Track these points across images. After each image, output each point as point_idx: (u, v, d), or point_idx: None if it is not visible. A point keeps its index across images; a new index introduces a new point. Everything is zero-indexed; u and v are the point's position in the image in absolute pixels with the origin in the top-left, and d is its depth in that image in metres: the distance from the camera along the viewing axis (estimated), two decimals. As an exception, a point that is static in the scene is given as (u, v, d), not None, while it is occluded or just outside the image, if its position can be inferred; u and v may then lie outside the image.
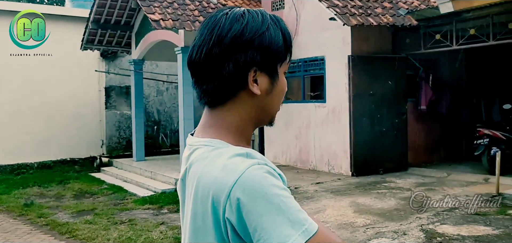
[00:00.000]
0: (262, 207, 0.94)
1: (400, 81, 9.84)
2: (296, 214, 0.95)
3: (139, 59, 12.12)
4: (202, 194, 1.00)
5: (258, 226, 0.93)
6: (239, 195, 0.94)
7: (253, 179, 0.95)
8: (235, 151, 1.01)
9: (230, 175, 0.96)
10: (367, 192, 7.79)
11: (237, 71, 1.04)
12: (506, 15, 8.11)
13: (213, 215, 0.98)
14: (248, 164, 0.97)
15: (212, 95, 1.07)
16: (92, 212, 7.75)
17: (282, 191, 0.96)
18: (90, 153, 13.60)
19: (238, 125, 1.08)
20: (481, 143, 9.19)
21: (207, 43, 1.04)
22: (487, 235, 5.26)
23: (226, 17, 1.05)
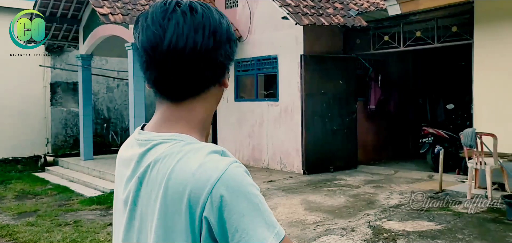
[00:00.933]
0: (244, 207, 0.91)
1: (351, 81, 10.05)
2: (270, 217, 0.94)
3: (87, 55, 11.71)
4: (175, 192, 0.92)
5: (239, 226, 0.90)
6: (222, 192, 0.90)
7: (236, 177, 0.92)
8: (211, 147, 0.97)
9: (212, 172, 0.91)
10: (318, 189, 7.90)
11: (225, 63, 1.03)
12: (450, 19, 8.47)
13: (189, 214, 0.91)
14: (228, 162, 0.93)
15: (184, 87, 1.01)
16: (35, 213, 7.40)
17: (258, 192, 0.95)
18: (34, 152, 13.01)
19: (204, 119, 1.05)
20: (426, 141, 9.56)
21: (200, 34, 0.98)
22: (430, 230, 5.45)
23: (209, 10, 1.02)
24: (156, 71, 1.00)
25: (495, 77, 7.68)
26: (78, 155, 12.14)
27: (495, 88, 7.68)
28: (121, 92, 14.53)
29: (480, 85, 7.91)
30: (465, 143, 6.92)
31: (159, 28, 0.97)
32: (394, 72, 11.36)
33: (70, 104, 13.72)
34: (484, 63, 7.81)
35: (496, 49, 7.63)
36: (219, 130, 11.56)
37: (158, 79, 1.01)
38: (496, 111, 7.63)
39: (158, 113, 1.05)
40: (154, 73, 1.00)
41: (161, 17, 0.98)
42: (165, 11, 0.99)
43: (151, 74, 1.01)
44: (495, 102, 7.67)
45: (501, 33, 7.55)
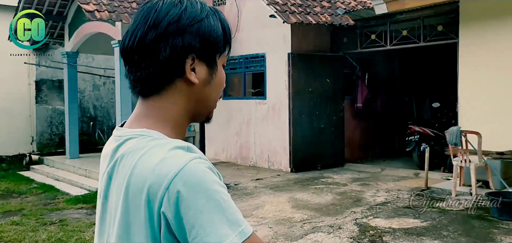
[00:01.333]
0: (202, 203, 0.88)
1: (338, 79, 10.10)
2: (234, 214, 0.91)
3: (73, 52, 11.58)
4: (136, 187, 0.93)
5: (196, 223, 0.88)
6: (179, 188, 0.88)
7: (195, 173, 0.90)
8: (176, 143, 0.95)
9: (171, 167, 0.90)
10: (305, 187, 7.93)
11: (174, 56, 0.99)
12: (436, 18, 8.56)
13: (147, 209, 0.91)
14: (190, 157, 0.92)
15: (146, 83, 1.01)
16: (20, 212, 7.30)
17: (222, 189, 0.92)
18: (19, 150, 12.83)
19: (175, 116, 1.03)
20: (412, 139, 9.65)
21: (142, 27, 0.99)
22: (416, 227, 5.51)
23: (163, 2, 1.00)
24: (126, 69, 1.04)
25: (480, 76, 7.78)
26: (63, 154, 12.01)
27: (480, 87, 7.79)
28: (107, 90, 14.40)
29: (465, 84, 8.01)
30: (450, 141, 7.00)
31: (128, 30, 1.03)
32: (380, 71, 11.44)
33: (55, 102, 13.56)
34: (469, 62, 7.91)
35: (481, 48, 7.73)
36: (206, 128, 11.53)
37: (126, 77, 1.04)
38: (481, 109, 7.74)
39: (134, 110, 1.06)
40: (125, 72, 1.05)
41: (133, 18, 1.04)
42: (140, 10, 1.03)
43: None
44: (480, 101, 7.78)
45: (486, 33, 7.65)
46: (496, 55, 7.55)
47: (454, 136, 6.90)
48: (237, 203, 6.94)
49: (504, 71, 7.48)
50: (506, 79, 7.46)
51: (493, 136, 7.25)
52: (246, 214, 6.30)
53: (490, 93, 7.64)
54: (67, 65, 11.63)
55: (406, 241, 5.02)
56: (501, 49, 7.48)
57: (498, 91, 7.54)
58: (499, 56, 7.51)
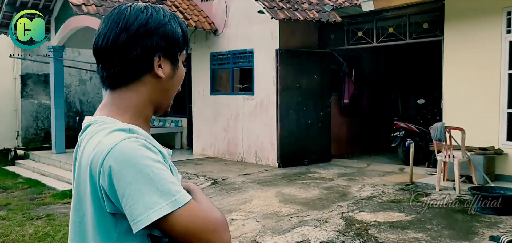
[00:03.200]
0: (131, 175, 1.01)
1: (325, 75, 10.18)
2: (167, 185, 1.02)
3: (59, 46, 11.48)
4: (83, 164, 1.09)
5: (125, 193, 1.01)
6: (111, 163, 1.02)
7: (125, 150, 1.03)
8: (119, 126, 1.10)
9: (106, 145, 1.04)
10: (293, 182, 8.00)
11: (144, 55, 1.15)
12: (421, 15, 8.69)
13: (91, 183, 1.06)
14: (124, 137, 1.06)
15: (116, 77, 1.16)
16: (6, 207, 7.25)
17: (154, 163, 1.04)
18: (4, 145, 12.70)
19: (137, 104, 1.18)
20: (397, 135, 9.78)
21: (114, 30, 1.14)
22: (400, 221, 5.61)
23: (131, 9, 1.16)
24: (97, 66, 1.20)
25: (464, 73, 7.93)
26: (49, 148, 11.91)
27: (464, 84, 7.94)
28: (94, 85, 14.30)
29: (449, 80, 8.16)
30: (434, 136, 7.13)
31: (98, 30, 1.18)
32: (367, 67, 11.57)
33: (41, 96, 13.42)
34: (453, 59, 8.06)
35: (465, 46, 7.87)
36: (194, 123, 11.54)
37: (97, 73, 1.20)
38: (465, 106, 7.89)
39: (102, 101, 1.22)
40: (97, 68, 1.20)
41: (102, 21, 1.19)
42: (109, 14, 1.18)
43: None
44: (463, 98, 7.93)
45: (470, 30, 7.80)
46: (480, 53, 7.70)
47: (438, 131, 7.03)
48: (225, 197, 7.01)
49: (487, 69, 7.63)
50: (489, 76, 7.61)
51: (476, 132, 7.41)
52: (233, 209, 6.35)
53: (474, 90, 7.79)
54: (53, 60, 11.53)
55: (391, 234, 5.12)
56: (485, 46, 7.63)
57: (482, 88, 7.70)
58: (483, 54, 7.66)
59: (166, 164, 1.08)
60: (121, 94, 1.17)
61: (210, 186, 7.88)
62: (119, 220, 1.06)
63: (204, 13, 10.88)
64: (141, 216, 1.00)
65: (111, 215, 1.06)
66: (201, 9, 10.97)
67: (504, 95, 7.46)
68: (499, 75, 7.48)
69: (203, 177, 8.57)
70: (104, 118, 1.14)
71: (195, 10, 10.79)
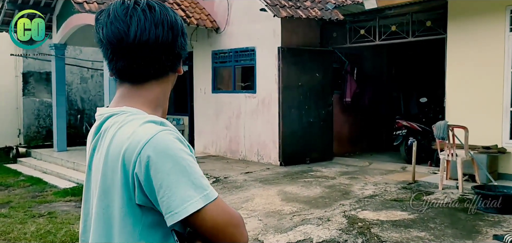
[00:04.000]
0: (169, 167, 1.02)
1: (327, 74, 10.16)
2: (200, 179, 1.05)
3: (61, 44, 11.47)
4: (113, 153, 1.08)
5: (163, 184, 1.02)
6: (149, 153, 1.03)
7: (164, 141, 1.05)
8: (151, 117, 1.11)
9: (143, 136, 1.05)
10: (295, 181, 7.98)
11: (180, 53, 1.21)
12: (424, 13, 8.65)
13: (123, 172, 1.05)
14: (160, 129, 1.07)
15: (146, 73, 1.17)
16: (7, 205, 7.24)
17: (189, 156, 1.06)
18: (6, 143, 12.69)
19: (159, 98, 1.20)
20: (399, 133, 9.75)
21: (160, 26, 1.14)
22: (403, 220, 5.59)
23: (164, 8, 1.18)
24: (122, 60, 1.15)
25: (467, 71, 7.89)
26: (51, 146, 11.91)
27: (467, 82, 7.90)
28: (95, 83, 14.28)
29: (452, 79, 8.12)
30: (437, 135, 7.10)
31: (123, 24, 1.13)
32: (369, 66, 11.53)
33: (43, 94, 13.41)
34: (456, 58, 8.02)
35: (468, 44, 7.84)
36: (196, 121, 11.52)
37: (123, 67, 1.16)
38: (468, 104, 7.85)
39: (117, 93, 1.21)
40: (120, 62, 1.15)
41: (123, 14, 1.14)
42: (126, 9, 1.14)
43: (116, 63, 1.16)
44: (466, 96, 7.89)
45: (474, 29, 7.76)
46: (483, 51, 7.66)
47: (441, 130, 7.00)
48: (227, 196, 6.98)
49: (491, 67, 7.60)
50: (493, 74, 7.58)
51: (480, 130, 7.37)
52: (236, 207, 6.33)
53: (477, 88, 7.76)
54: (54, 57, 11.52)
55: (394, 233, 5.10)
56: (488, 45, 7.60)
57: (485, 86, 7.66)
58: (487, 52, 7.63)
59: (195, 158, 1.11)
60: (144, 88, 1.18)
61: (212, 184, 7.81)
62: (144, 213, 1.07)
63: (206, 11, 10.85)
64: (178, 208, 1.01)
65: (139, 207, 1.06)
66: (203, 7, 10.94)
67: (507, 93, 7.43)
68: (502, 73, 7.45)
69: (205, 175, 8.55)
70: (131, 109, 1.14)
71: (197, 8, 10.76)
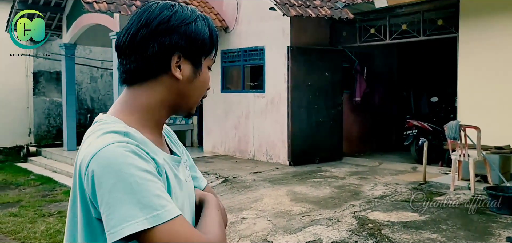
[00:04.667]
0: (111, 183, 0.95)
1: (337, 73, 10.09)
2: (150, 198, 0.95)
3: (71, 44, 11.53)
4: (76, 165, 1.05)
5: (104, 200, 0.95)
6: (94, 167, 0.97)
7: (111, 155, 0.97)
8: (115, 128, 1.04)
9: (93, 149, 1.00)
10: (304, 181, 7.93)
11: (161, 52, 1.09)
12: (436, 12, 8.54)
13: (80, 185, 1.02)
14: (112, 140, 1.00)
15: (133, 74, 1.11)
16: (18, 204, 7.29)
17: (140, 172, 0.96)
18: (16, 142, 12.79)
19: (150, 105, 1.12)
20: (410, 133, 9.65)
21: (135, 25, 1.10)
22: (414, 221, 5.52)
23: (157, 5, 1.12)
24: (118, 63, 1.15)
25: (479, 70, 7.79)
26: (61, 146, 11.98)
27: (479, 81, 7.79)
28: (105, 82, 14.35)
29: (464, 78, 8.02)
30: (449, 135, 7.01)
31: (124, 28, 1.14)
32: (379, 65, 11.44)
33: (53, 94, 13.50)
34: (468, 57, 7.91)
35: (480, 43, 7.73)
36: (205, 121, 11.51)
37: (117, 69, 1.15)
38: (480, 104, 7.74)
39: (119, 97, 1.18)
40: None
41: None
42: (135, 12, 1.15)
43: None
44: (479, 95, 7.78)
45: (486, 27, 7.65)
46: (496, 50, 7.55)
47: (453, 130, 6.91)
48: (236, 196, 6.96)
49: (503, 66, 7.48)
50: (505, 74, 7.46)
51: (492, 130, 7.26)
52: (244, 207, 6.30)
53: (489, 87, 7.65)
54: (65, 57, 11.59)
55: (405, 235, 5.03)
56: (501, 44, 7.48)
57: (497, 86, 7.55)
58: (499, 51, 7.51)
59: (157, 175, 1.00)
60: (135, 92, 1.12)
61: (221, 184, 7.84)
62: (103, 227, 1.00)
63: (214, 10, 10.84)
64: (115, 228, 0.93)
65: (98, 220, 1.00)
66: (212, 6, 10.92)
67: (520, 93, 7.31)
68: (515, 72, 7.33)
69: (213, 175, 8.54)
70: (108, 118, 1.09)
71: (206, 8, 10.75)
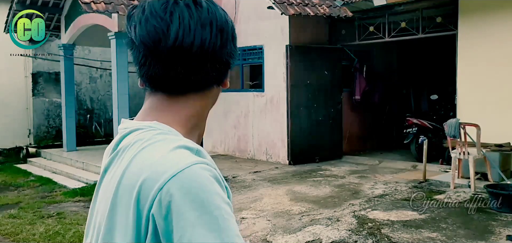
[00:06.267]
0: (197, 215, 0.78)
1: (336, 71, 10.06)
2: (234, 239, 0.80)
3: (70, 44, 11.51)
4: (129, 181, 0.84)
5: (185, 236, 0.78)
6: (174, 191, 0.79)
7: (196, 179, 0.80)
8: (185, 142, 0.87)
9: (170, 166, 0.81)
10: (303, 180, 7.92)
11: (229, 63, 0.96)
12: (434, 9, 8.52)
13: (136, 208, 0.82)
14: (195, 160, 0.83)
15: (185, 84, 0.93)
16: (17, 205, 7.27)
17: (225, 205, 0.81)
18: (16, 143, 12.77)
19: (198, 116, 0.97)
20: (410, 131, 9.63)
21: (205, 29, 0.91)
22: (414, 220, 5.50)
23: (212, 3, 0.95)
24: (157, 66, 0.91)
25: (478, 68, 7.77)
26: (61, 146, 11.96)
27: (478, 79, 7.77)
28: (104, 82, 14.32)
29: (463, 75, 8.00)
30: (448, 133, 6.99)
31: (161, 21, 0.90)
32: (379, 63, 11.42)
33: (52, 94, 13.48)
34: (468, 54, 7.89)
35: (480, 40, 7.71)
36: (204, 120, 11.49)
37: (157, 74, 0.92)
38: (480, 102, 7.72)
39: (146, 103, 0.97)
40: (155, 68, 0.92)
41: (162, 10, 0.90)
42: (166, 3, 0.91)
43: (149, 69, 0.92)
44: (478, 93, 7.76)
45: (485, 24, 7.63)
46: (495, 48, 7.53)
47: (453, 128, 6.89)
48: (235, 195, 6.94)
49: (503, 64, 7.46)
50: (505, 71, 7.44)
51: (492, 128, 7.24)
52: (244, 207, 6.29)
53: (489, 85, 7.63)
54: (63, 58, 11.56)
55: (405, 233, 5.02)
56: (500, 41, 7.46)
57: (497, 83, 7.53)
58: (498, 49, 7.49)
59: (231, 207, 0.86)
60: (181, 101, 0.94)
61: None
62: None
63: (213, 9, 10.80)
64: None
65: None
66: (211, 6, 10.89)
67: (520, 90, 7.29)
68: (515, 70, 7.31)
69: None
70: (160, 125, 0.90)
71: (205, 7, 10.71)
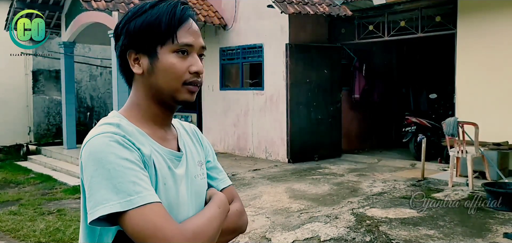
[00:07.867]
0: (93, 169, 1.05)
1: (335, 70, 10.10)
2: (126, 185, 1.02)
3: (70, 42, 11.53)
4: None
5: (86, 184, 1.06)
6: (83, 154, 1.09)
7: (95, 144, 1.07)
8: (109, 120, 1.15)
9: (87, 137, 1.11)
10: (303, 178, 7.95)
11: (120, 55, 1.22)
12: (434, 9, 8.55)
13: (81, 173, 1.12)
14: (100, 131, 1.09)
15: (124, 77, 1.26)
16: (17, 202, 7.30)
17: (119, 160, 1.04)
18: (16, 141, 12.80)
19: (138, 102, 1.22)
20: (409, 130, 9.67)
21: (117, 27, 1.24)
22: (412, 217, 5.54)
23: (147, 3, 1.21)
24: None
25: (477, 67, 7.80)
26: (61, 144, 11.99)
27: (477, 78, 7.81)
28: (104, 80, 14.36)
29: (462, 75, 8.03)
30: (447, 132, 7.02)
31: None
32: (378, 62, 11.45)
33: (52, 92, 13.51)
34: (466, 53, 7.92)
35: (478, 40, 7.74)
36: (204, 118, 11.53)
37: None
38: (478, 101, 7.76)
39: None
40: None
41: None
42: None
43: None
44: (477, 92, 7.80)
45: (484, 24, 7.66)
46: (493, 47, 7.56)
47: (451, 126, 6.92)
48: (235, 193, 6.97)
49: (501, 63, 7.49)
50: (503, 70, 7.47)
51: (490, 127, 7.28)
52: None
53: (488, 84, 7.66)
54: (64, 56, 11.58)
55: (403, 231, 5.06)
56: (499, 40, 7.49)
57: (495, 82, 7.56)
58: (497, 48, 7.52)
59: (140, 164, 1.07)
60: (131, 92, 1.25)
61: (220, 182, 7.85)
62: None
63: (213, 7, 10.84)
64: (91, 209, 1.03)
65: None
66: (211, 4, 10.92)
67: (518, 89, 7.32)
68: (513, 69, 7.34)
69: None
70: (112, 113, 1.21)
71: (205, 5, 10.75)
